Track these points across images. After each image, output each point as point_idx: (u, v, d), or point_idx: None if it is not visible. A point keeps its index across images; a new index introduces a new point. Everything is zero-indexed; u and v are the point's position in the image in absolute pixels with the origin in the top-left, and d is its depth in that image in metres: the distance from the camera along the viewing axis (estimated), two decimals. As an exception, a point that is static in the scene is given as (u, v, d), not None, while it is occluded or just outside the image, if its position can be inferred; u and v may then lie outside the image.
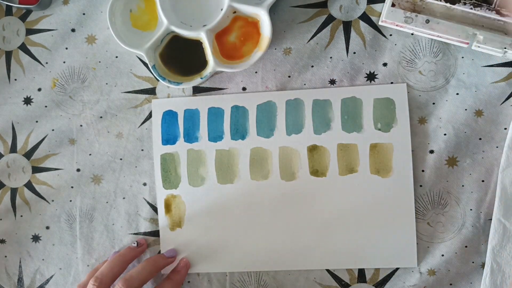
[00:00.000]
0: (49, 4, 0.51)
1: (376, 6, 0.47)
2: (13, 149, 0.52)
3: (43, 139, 0.52)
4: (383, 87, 0.47)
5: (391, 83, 0.47)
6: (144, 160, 0.50)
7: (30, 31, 0.52)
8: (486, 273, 0.45)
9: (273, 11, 0.48)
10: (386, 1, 0.45)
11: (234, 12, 0.47)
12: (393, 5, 0.45)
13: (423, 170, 0.47)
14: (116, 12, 0.48)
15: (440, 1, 0.44)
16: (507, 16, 0.43)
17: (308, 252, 0.48)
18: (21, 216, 0.52)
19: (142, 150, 0.51)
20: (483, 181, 0.46)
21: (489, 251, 0.45)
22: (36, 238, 0.52)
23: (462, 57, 0.46)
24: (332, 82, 0.48)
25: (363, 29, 0.47)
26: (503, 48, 0.43)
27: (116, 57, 0.51)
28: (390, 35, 0.47)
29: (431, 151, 0.47)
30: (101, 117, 0.51)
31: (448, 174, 0.47)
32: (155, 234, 0.50)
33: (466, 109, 0.46)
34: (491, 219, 0.45)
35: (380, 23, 0.46)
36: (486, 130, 0.46)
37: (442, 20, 0.44)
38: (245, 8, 0.46)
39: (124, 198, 0.51)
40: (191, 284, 0.50)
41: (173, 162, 0.50)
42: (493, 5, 0.43)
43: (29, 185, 0.52)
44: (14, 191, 0.52)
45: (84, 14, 0.51)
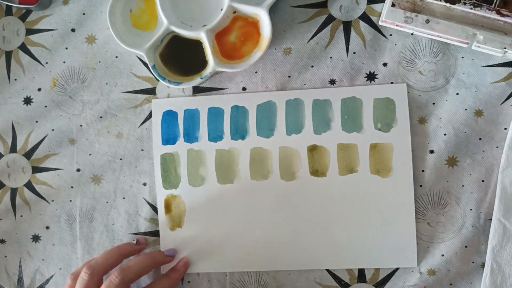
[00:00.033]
0: (49, 4, 0.51)
1: (376, 6, 0.47)
2: (13, 149, 0.52)
3: (43, 139, 0.52)
4: (383, 87, 0.47)
5: (391, 83, 0.47)
6: (144, 160, 0.50)
7: (30, 31, 0.52)
8: (486, 273, 0.45)
9: (273, 11, 0.48)
10: (386, 1, 0.45)
11: (234, 12, 0.47)
12: (393, 5, 0.45)
13: (423, 170, 0.47)
14: (116, 12, 0.48)
15: (440, 1, 0.44)
16: (507, 16, 0.43)
17: (308, 252, 0.48)
18: (21, 216, 0.52)
19: (142, 150, 0.51)
20: (483, 181, 0.46)
21: (489, 251, 0.45)
22: (36, 238, 0.52)
23: (462, 57, 0.46)
24: (332, 82, 0.48)
25: (363, 29, 0.47)
26: (503, 48, 0.43)
27: (116, 57, 0.51)
28: (390, 35, 0.47)
29: (431, 151, 0.47)
30: (101, 117, 0.51)
31: (448, 174, 0.47)
32: (155, 234, 0.50)
33: (466, 109, 0.46)
34: (491, 219, 0.45)
35: (380, 23, 0.46)
36: (486, 130, 0.46)
37: (442, 20, 0.44)
38: (245, 8, 0.46)
39: (124, 198, 0.51)
40: (191, 284, 0.50)
41: (173, 162, 0.50)
42: (493, 5, 0.43)
43: (29, 185, 0.52)
44: (14, 191, 0.52)
45: (84, 14, 0.51)
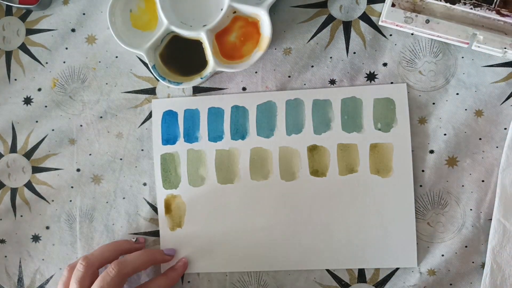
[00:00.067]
0: (49, 4, 0.51)
1: (376, 6, 0.47)
2: (13, 149, 0.52)
3: (43, 139, 0.52)
4: (383, 87, 0.47)
5: (391, 83, 0.47)
6: (144, 160, 0.50)
7: (30, 31, 0.52)
8: (486, 274, 0.45)
9: (273, 11, 0.48)
10: (386, 1, 0.45)
11: (234, 12, 0.47)
12: (393, 5, 0.45)
13: (423, 170, 0.47)
14: (116, 12, 0.48)
15: (440, 1, 0.44)
16: (507, 16, 0.43)
17: (308, 252, 0.48)
18: (21, 216, 0.52)
19: (142, 150, 0.51)
20: (483, 181, 0.46)
21: (489, 252, 0.45)
22: (36, 238, 0.52)
23: (462, 57, 0.46)
24: (332, 82, 0.48)
25: (363, 29, 0.47)
26: (503, 48, 0.43)
27: (116, 57, 0.51)
28: (390, 35, 0.47)
29: (431, 151, 0.47)
30: (101, 117, 0.51)
31: (448, 174, 0.47)
32: (155, 234, 0.50)
33: (466, 109, 0.46)
34: (491, 219, 0.45)
35: (380, 23, 0.46)
36: (486, 130, 0.46)
37: (442, 20, 0.44)
38: (245, 8, 0.46)
39: (124, 198, 0.51)
40: (191, 284, 0.50)
41: (173, 162, 0.50)
42: (493, 5, 0.43)
43: (29, 185, 0.52)
44: (14, 191, 0.52)
45: (84, 14, 0.51)
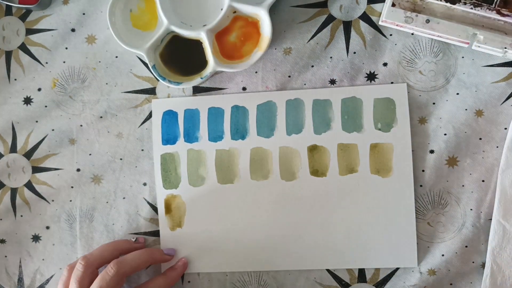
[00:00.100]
0: (49, 4, 0.51)
1: (376, 6, 0.47)
2: (13, 149, 0.52)
3: (43, 139, 0.52)
4: (383, 87, 0.47)
5: (391, 83, 0.47)
6: (144, 160, 0.50)
7: (30, 31, 0.52)
8: (486, 275, 0.45)
9: (273, 11, 0.47)
10: (386, 1, 0.45)
11: (234, 12, 0.47)
12: (393, 5, 0.45)
13: (423, 170, 0.47)
14: (116, 12, 0.48)
15: (441, 1, 0.44)
16: (507, 16, 0.43)
17: (308, 252, 0.48)
18: (21, 216, 0.52)
19: (142, 150, 0.50)
20: (483, 181, 0.46)
21: (489, 252, 0.45)
22: (36, 238, 0.52)
23: (462, 57, 0.46)
24: (332, 82, 0.48)
25: (363, 29, 0.47)
26: (503, 48, 0.43)
27: (116, 57, 0.51)
28: (390, 35, 0.47)
29: (431, 151, 0.47)
30: (101, 117, 0.51)
31: (448, 174, 0.47)
32: (155, 234, 0.50)
33: (466, 109, 0.46)
34: (491, 219, 0.45)
35: (380, 23, 0.46)
36: (486, 130, 0.46)
37: (442, 20, 0.44)
38: (245, 8, 0.46)
39: (124, 198, 0.51)
40: (191, 284, 0.50)
41: (173, 162, 0.50)
42: (493, 5, 0.43)
43: (29, 185, 0.52)
44: (14, 191, 0.52)
45: (84, 14, 0.51)
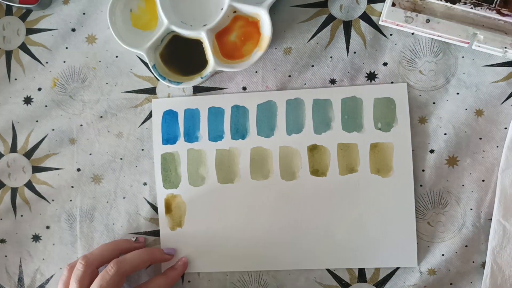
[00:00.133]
0: (49, 3, 0.51)
1: (377, 6, 0.47)
2: (13, 148, 0.52)
3: (43, 139, 0.52)
4: (383, 86, 0.47)
5: (392, 82, 0.47)
6: (144, 160, 0.50)
7: (30, 31, 0.52)
8: (487, 274, 0.45)
9: (273, 10, 0.47)
10: (386, 0, 0.45)
11: (235, 11, 0.47)
12: (393, 4, 0.45)
13: (423, 170, 0.47)
14: (117, 11, 0.48)
15: (441, 0, 0.44)
16: (508, 15, 0.43)
17: (309, 251, 0.48)
18: (21, 215, 0.52)
19: (143, 149, 0.50)
20: (483, 180, 0.46)
21: (489, 252, 0.45)
22: (36, 237, 0.52)
23: (463, 57, 0.46)
24: (333, 81, 0.48)
25: (364, 28, 0.47)
26: (503, 47, 0.43)
27: (117, 56, 0.51)
28: (391, 34, 0.47)
29: (432, 151, 0.47)
30: (101, 116, 0.51)
31: (448, 173, 0.47)
32: (155, 233, 0.50)
33: (466, 109, 0.46)
34: (491, 219, 0.45)
35: (380, 22, 0.46)
36: (486, 130, 0.46)
37: (442, 20, 0.44)
38: (246, 8, 0.46)
39: (124, 197, 0.51)
40: (192, 283, 0.50)
41: (174, 161, 0.50)
42: (493, 5, 0.43)
43: (29, 185, 0.52)
44: (14, 191, 0.52)
45: (84, 13, 0.51)
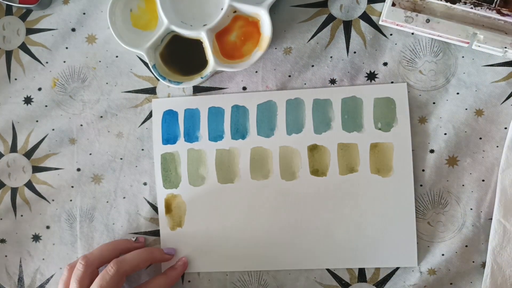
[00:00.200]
0: (49, 3, 0.51)
1: (377, 6, 0.47)
2: (13, 148, 0.52)
3: (43, 139, 0.52)
4: (383, 86, 0.47)
5: (392, 82, 0.47)
6: (144, 160, 0.50)
7: (30, 31, 0.52)
8: (487, 274, 0.45)
9: (273, 10, 0.48)
10: (386, 0, 0.45)
11: (235, 11, 0.47)
12: (393, 4, 0.45)
13: (423, 170, 0.47)
14: (117, 11, 0.48)
15: (441, 0, 0.44)
16: (508, 15, 0.43)
17: (309, 251, 0.48)
18: (22, 215, 0.52)
19: (143, 149, 0.50)
20: (483, 180, 0.46)
21: (489, 252, 0.45)
22: (36, 237, 0.52)
23: (463, 57, 0.46)
24: (333, 81, 0.48)
25: (364, 28, 0.47)
26: (503, 47, 0.43)
27: (117, 56, 0.51)
28: (391, 34, 0.47)
29: (432, 151, 0.47)
30: (101, 116, 0.51)
31: (448, 173, 0.47)
32: (155, 233, 0.50)
33: (466, 109, 0.46)
34: (492, 219, 0.45)
35: (380, 22, 0.46)
36: (486, 130, 0.46)
37: (442, 20, 0.44)
38: (246, 8, 0.46)
39: (124, 197, 0.51)
40: (191, 283, 0.50)
41: (174, 161, 0.50)
42: (493, 5, 0.43)
43: (29, 185, 0.52)
44: (14, 191, 0.52)
45: (84, 13, 0.51)
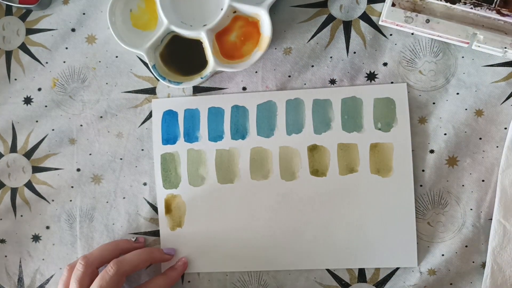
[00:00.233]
0: (49, 3, 0.51)
1: (376, 6, 0.47)
2: (13, 149, 0.52)
3: (43, 139, 0.52)
4: (383, 86, 0.47)
5: (391, 82, 0.47)
6: (144, 160, 0.50)
7: (30, 31, 0.52)
8: (487, 275, 0.45)
9: (273, 10, 0.48)
10: (386, 0, 0.45)
11: (234, 11, 0.47)
12: (393, 4, 0.45)
13: (423, 170, 0.47)
14: (116, 11, 0.48)
15: (440, 0, 0.44)
16: (507, 15, 0.43)
17: (308, 251, 0.48)
18: (21, 216, 0.52)
19: (142, 150, 0.50)
20: (483, 180, 0.46)
21: (489, 252, 0.45)
22: (36, 238, 0.52)
23: (462, 57, 0.46)
24: (332, 81, 0.48)
25: (363, 28, 0.47)
26: (503, 47, 0.43)
27: (116, 56, 0.51)
28: (391, 34, 0.47)
29: (431, 151, 0.47)
30: (101, 116, 0.51)
31: (448, 173, 0.47)
32: (155, 234, 0.50)
33: (466, 109, 0.46)
34: (492, 219, 0.45)
35: (380, 22, 0.46)
36: (486, 130, 0.46)
37: (442, 20, 0.44)
38: (245, 8, 0.46)
39: (124, 198, 0.51)
40: (191, 284, 0.50)
41: (173, 162, 0.50)
42: (493, 5, 0.43)
43: (29, 185, 0.52)
44: (14, 191, 0.52)
45: (84, 14, 0.51)
